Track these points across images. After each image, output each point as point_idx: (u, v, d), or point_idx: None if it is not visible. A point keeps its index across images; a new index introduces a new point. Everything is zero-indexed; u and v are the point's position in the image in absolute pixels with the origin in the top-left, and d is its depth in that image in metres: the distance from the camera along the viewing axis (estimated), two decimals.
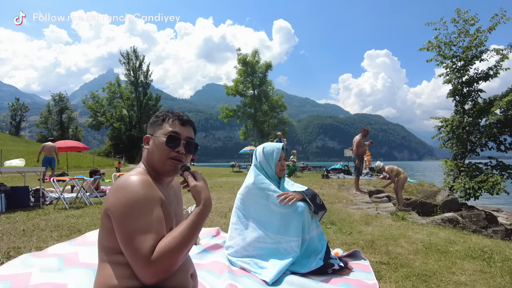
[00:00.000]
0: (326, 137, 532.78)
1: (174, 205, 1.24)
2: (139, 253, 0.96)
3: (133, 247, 0.97)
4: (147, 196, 1.05)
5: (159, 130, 1.20)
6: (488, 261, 2.50)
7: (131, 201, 1.01)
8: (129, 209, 1.00)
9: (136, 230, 0.98)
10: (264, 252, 2.20)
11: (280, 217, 2.23)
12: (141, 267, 0.96)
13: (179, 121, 1.22)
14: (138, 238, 0.97)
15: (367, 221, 3.99)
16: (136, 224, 0.99)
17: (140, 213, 1.01)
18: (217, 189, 7.44)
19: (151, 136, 1.21)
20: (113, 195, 1.05)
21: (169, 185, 1.27)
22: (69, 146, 12.84)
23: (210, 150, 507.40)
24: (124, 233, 0.99)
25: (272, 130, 35.86)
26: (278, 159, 2.39)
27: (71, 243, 2.65)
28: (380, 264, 2.39)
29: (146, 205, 1.03)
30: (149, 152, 1.20)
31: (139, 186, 1.05)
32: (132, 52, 42.95)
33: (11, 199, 4.82)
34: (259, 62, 35.44)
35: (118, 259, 1.05)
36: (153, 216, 1.03)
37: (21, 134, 48.71)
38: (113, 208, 1.02)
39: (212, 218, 4.04)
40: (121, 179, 1.09)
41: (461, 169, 10.10)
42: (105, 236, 1.08)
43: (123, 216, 1.00)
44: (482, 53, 9.89)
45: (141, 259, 0.95)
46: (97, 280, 1.08)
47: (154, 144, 1.18)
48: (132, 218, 0.99)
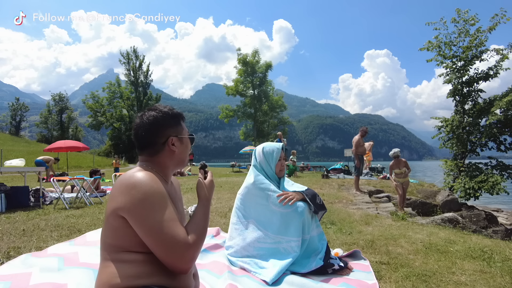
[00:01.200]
0: (326, 137, 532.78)
1: (176, 201, 1.26)
2: (178, 238, 1.00)
3: (168, 235, 1.00)
4: (161, 190, 1.08)
5: (181, 130, 1.25)
6: (488, 261, 2.49)
7: (148, 195, 1.03)
8: (149, 202, 1.02)
9: (165, 219, 1.02)
10: (264, 252, 2.20)
11: (280, 217, 2.23)
12: (182, 251, 1.00)
13: (183, 120, 1.29)
14: (171, 226, 1.01)
15: (367, 221, 3.99)
16: (163, 214, 1.02)
17: (161, 204, 1.04)
18: (217, 189, 7.44)
19: (175, 137, 1.22)
20: (124, 194, 1.04)
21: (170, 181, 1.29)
22: (69, 146, 12.83)
23: (210, 150, 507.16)
24: (153, 225, 1.00)
25: (272, 130, 35.84)
26: (278, 159, 2.39)
27: (71, 243, 2.65)
28: (380, 264, 2.39)
29: (163, 198, 1.07)
30: (177, 152, 1.22)
31: (152, 181, 1.07)
32: (132, 52, 42.92)
33: (11, 199, 4.82)
34: (259, 62, 35.43)
35: (123, 257, 1.05)
36: (172, 207, 1.08)
37: (21, 134, 48.73)
38: (129, 206, 1.02)
39: (212, 218, 4.04)
40: (126, 179, 1.08)
41: (461, 169, 10.10)
42: (110, 234, 1.08)
43: (145, 210, 1.01)
44: (482, 53, 9.89)
45: (181, 244, 1.00)
46: (100, 278, 1.08)
47: (183, 145, 1.24)
48: (156, 210, 1.02)
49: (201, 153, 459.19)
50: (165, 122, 1.20)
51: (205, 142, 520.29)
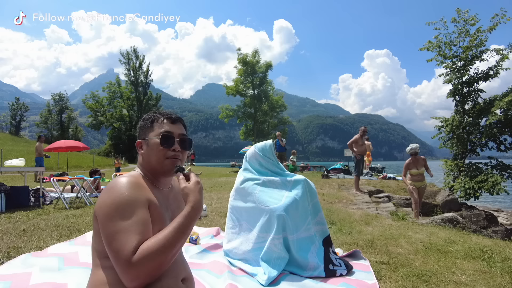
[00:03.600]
0: (326, 137, 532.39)
1: (173, 208, 1.21)
2: (120, 254, 0.92)
3: (115, 248, 0.94)
4: (132, 198, 1.02)
5: (150, 132, 1.18)
6: (488, 261, 2.50)
7: (115, 202, 1.00)
8: (113, 210, 0.98)
9: (118, 231, 0.95)
10: (258, 253, 2.20)
11: (265, 214, 2.25)
12: (122, 269, 0.92)
13: (169, 120, 1.20)
14: (120, 239, 0.94)
15: (367, 221, 3.99)
16: (119, 225, 0.96)
17: (124, 214, 0.98)
18: (217, 189, 7.44)
19: (143, 140, 1.19)
20: (101, 197, 1.05)
21: (167, 187, 1.24)
22: (69, 146, 12.83)
23: (210, 150, 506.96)
24: (107, 234, 0.97)
25: (272, 130, 35.82)
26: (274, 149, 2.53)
27: (71, 242, 2.65)
28: (380, 264, 2.39)
29: (129, 206, 1.00)
30: (144, 156, 1.18)
31: (124, 187, 1.04)
32: (132, 52, 42.93)
33: (11, 198, 4.82)
34: (259, 62, 35.41)
35: (109, 263, 1.01)
36: (137, 218, 0.99)
37: (21, 134, 48.72)
38: (99, 209, 1.01)
39: (212, 218, 4.04)
40: (111, 182, 1.09)
41: (461, 169, 10.09)
42: (96, 239, 1.07)
43: (106, 217, 0.98)
44: (482, 53, 9.87)
45: (122, 261, 0.92)
46: (89, 284, 1.06)
47: (149, 147, 1.17)
48: (115, 219, 0.97)
49: (201, 153, 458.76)
50: (139, 126, 1.24)
51: (205, 142, 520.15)
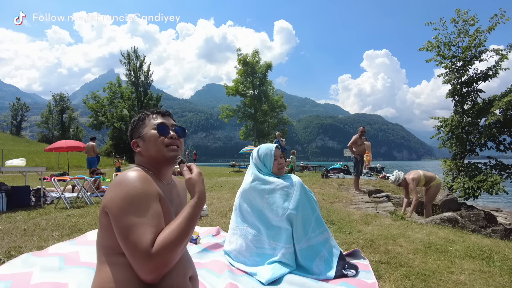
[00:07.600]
0: (325, 137, 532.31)
1: (176, 204, 1.23)
2: (139, 247, 0.94)
3: (132, 241, 0.95)
4: (145, 191, 1.04)
5: (144, 128, 1.22)
6: (487, 260, 2.50)
7: (129, 195, 1.01)
8: (127, 203, 0.99)
9: (134, 224, 0.97)
10: (260, 259, 2.18)
11: (274, 222, 2.20)
12: (141, 261, 0.94)
13: (159, 114, 1.25)
14: (137, 232, 0.96)
15: (366, 221, 4.00)
16: (134, 218, 0.98)
17: (138, 207, 1.00)
18: (217, 189, 7.45)
19: (138, 138, 1.22)
20: (111, 191, 1.04)
21: (170, 182, 1.26)
22: (70, 146, 12.87)
23: (210, 150, 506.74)
24: (123, 228, 0.97)
25: (272, 130, 35.86)
26: (273, 159, 2.38)
27: (72, 242, 2.66)
28: (380, 264, 2.40)
29: (144, 199, 1.02)
30: (143, 152, 1.20)
31: (137, 181, 1.05)
32: (132, 52, 42.96)
33: (12, 198, 4.84)
34: (259, 63, 35.46)
35: (118, 260, 1.02)
36: (152, 210, 1.02)
37: (22, 134, 48.78)
38: (111, 203, 1.01)
39: (212, 218, 4.05)
40: (119, 176, 1.09)
41: (460, 169, 10.10)
42: (103, 235, 1.07)
43: (121, 210, 0.99)
44: (482, 54, 9.87)
45: (141, 253, 0.94)
46: (94, 283, 1.06)
47: (146, 141, 1.19)
48: (130, 212, 0.98)
49: (202, 153, 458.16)
50: (131, 128, 1.26)
51: (205, 142, 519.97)
